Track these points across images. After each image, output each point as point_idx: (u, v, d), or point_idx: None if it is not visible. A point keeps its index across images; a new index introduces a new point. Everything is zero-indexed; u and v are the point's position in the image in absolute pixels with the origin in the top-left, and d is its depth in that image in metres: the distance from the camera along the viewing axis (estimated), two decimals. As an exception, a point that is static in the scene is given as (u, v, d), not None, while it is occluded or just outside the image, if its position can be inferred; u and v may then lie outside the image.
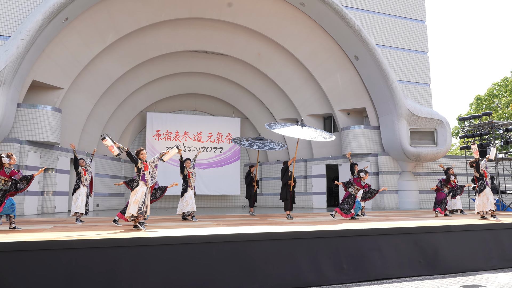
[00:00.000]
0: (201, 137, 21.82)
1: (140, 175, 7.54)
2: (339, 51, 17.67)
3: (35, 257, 5.13)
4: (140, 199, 7.39)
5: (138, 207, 7.35)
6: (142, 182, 7.48)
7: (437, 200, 11.85)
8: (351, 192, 10.54)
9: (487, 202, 9.71)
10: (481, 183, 9.90)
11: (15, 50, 12.13)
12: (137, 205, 7.34)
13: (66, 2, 12.95)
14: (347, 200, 10.49)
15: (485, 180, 9.89)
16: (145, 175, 7.52)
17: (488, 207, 9.66)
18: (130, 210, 7.38)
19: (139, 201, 7.38)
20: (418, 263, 6.96)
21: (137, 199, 7.37)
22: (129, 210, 7.40)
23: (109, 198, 18.84)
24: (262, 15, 16.83)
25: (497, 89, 33.70)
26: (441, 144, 17.40)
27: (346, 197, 10.58)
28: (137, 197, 7.39)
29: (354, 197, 10.51)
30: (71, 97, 15.97)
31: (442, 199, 11.81)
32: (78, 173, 9.81)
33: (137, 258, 5.50)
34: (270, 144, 13.41)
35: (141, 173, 7.54)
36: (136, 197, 7.39)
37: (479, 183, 9.95)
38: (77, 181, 9.77)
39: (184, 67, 19.60)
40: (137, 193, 7.42)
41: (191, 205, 10.33)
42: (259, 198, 20.97)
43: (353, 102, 18.46)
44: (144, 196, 7.43)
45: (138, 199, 7.38)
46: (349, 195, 10.54)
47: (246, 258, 5.99)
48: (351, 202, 10.44)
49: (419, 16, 18.81)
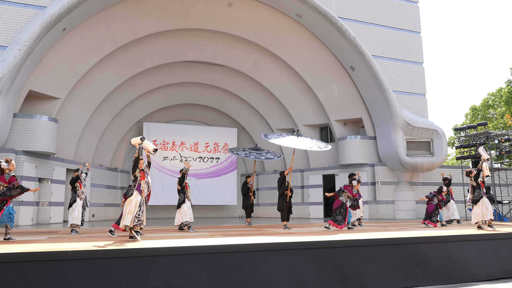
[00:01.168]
0: (197, 147, 21.80)
1: (136, 184, 7.50)
2: (335, 61, 17.79)
3: (30, 269, 5.07)
4: (135, 210, 7.33)
5: (136, 216, 7.29)
6: (137, 192, 7.43)
7: (428, 212, 11.86)
8: (342, 201, 10.38)
9: (486, 212, 9.62)
10: (478, 193, 9.82)
11: (12, 60, 12.14)
12: (132, 215, 7.28)
13: (64, 13, 13.01)
14: (339, 210, 10.29)
15: (482, 190, 9.85)
16: (141, 184, 7.49)
17: (488, 217, 9.61)
18: (124, 221, 7.29)
19: (133, 212, 7.31)
20: (414, 274, 6.93)
21: (131, 210, 7.31)
22: (123, 221, 7.31)
23: (105, 208, 18.72)
24: (259, 26, 16.96)
25: (492, 99, 33.96)
26: (437, 154, 17.45)
27: (338, 207, 10.35)
28: (131, 207, 7.33)
29: (346, 206, 10.38)
30: (68, 107, 15.96)
31: (432, 211, 11.78)
32: (74, 186, 9.76)
33: (133, 269, 5.46)
34: (267, 154, 13.43)
35: (137, 182, 7.50)
36: (130, 207, 7.33)
37: (476, 193, 9.86)
38: (73, 195, 9.68)
39: (181, 77, 19.66)
40: (131, 203, 7.36)
41: (189, 215, 10.32)
42: (256, 209, 20.91)
43: (350, 112, 18.53)
44: (139, 206, 7.37)
45: (132, 209, 7.32)
46: (341, 204, 10.34)
47: (243, 269, 5.95)
48: (343, 212, 10.25)
49: (414, 28, 19.00)
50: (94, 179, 17.82)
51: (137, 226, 7.38)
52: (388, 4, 18.50)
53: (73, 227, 9.41)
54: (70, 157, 16.48)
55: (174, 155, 21.26)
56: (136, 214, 7.31)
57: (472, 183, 9.96)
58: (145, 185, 7.56)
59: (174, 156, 21.27)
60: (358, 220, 11.81)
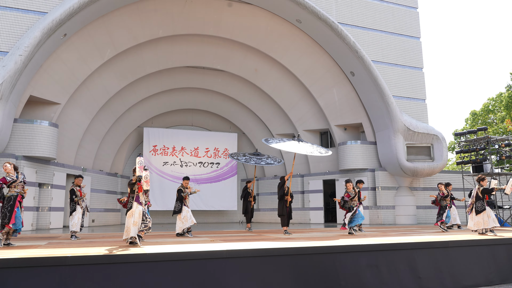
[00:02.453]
0: (198, 152, 21.79)
1: (134, 196, 7.39)
2: (335, 67, 17.84)
3: (30, 274, 5.05)
4: (139, 220, 7.28)
5: (143, 223, 7.29)
6: (137, 203, 7.34)
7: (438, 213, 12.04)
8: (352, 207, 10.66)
9: (488, 220, 9.51)
10: (481, 204, 9.63)
11: (13, 66, 12.17)
12: (137, 226, 7.23)
13: (65, 18, 13.06)
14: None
15: (485, 202, 9.73)
16: (139, 197, 7.39)
17: (491, 224, 9.48)
18: (131, 233, 7.16)
19: (138, 222, 7.26)
20: (417, 279, 6.90)
21: (136, 221, 7.23)
22: (130, 233, 7.17)
23: (105, 213, 18.69)
24: (259, 31, 17.02)
25: (492, 104, 33.99)
26: (437, 159, 17.44)
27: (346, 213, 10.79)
28: (135, 218, 7.25)
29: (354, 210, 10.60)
30: (68, 112, 15.98)
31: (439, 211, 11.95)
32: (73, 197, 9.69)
33: (133, 274, 5.44)
34: (267, 160, 13.41)
35: (135, 194, 7.40)
36: (134, 219, 7.24)
37: (479, 203, 9.67)
38: (72, 204, 9.62)
39: (181, 82, 19.71)
40: (133, 215, 7.26)
41: (190, 219, 10.29)
42: (256, 214, 20.87)
43: (350, 118, 18.54)
44: (142, 215, 7.33)
45: (137, 220, 7.25)
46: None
47: (243, 274, 5.93)
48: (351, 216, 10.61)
49: (414, 33, 19.05)
50: (94, 184, 17.80)
51: (141, 232, 7.34)
52: (388, 10, 18.57)
53: (73, 232, 9.40)
54: (70, 162, 16.47)
55: (174, 160, 21.26)
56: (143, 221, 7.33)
57: (478, 193, 9.73)
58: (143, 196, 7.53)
59: (174, 161, 21.26)
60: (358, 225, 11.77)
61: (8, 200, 7.35)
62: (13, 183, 7.43)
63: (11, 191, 7.41)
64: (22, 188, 7.53)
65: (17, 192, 7.44)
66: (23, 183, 7.58)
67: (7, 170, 7.51)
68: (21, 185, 7.52)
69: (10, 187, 7.42)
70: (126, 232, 7.24)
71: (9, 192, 7.42)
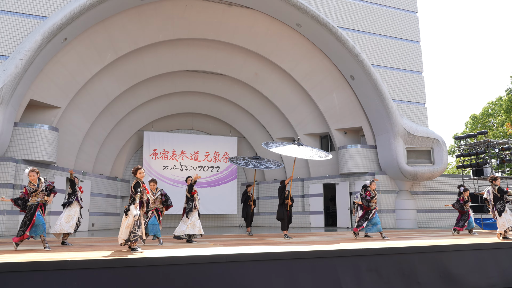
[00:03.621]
0: (198, 156, 21.79)
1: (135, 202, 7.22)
2: (335, 71, 17.87)
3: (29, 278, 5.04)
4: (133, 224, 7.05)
5: (132, 231, 6.93)
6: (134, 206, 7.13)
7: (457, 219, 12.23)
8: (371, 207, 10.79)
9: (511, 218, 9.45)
10: (502, 204, 9.58)
11: (13, 70, 12.19)
12: (130, 229, 6.96)
13: (65, 23, 13.10)
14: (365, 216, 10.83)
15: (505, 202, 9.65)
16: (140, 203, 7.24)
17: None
18: (122, 235, 6.95)
19: (131, 225, 6.97)
20: (416, 284, 6.89)
21: (129, 224, 6.99)
22: (121, 236, 6.96)
23: (105, 217, 18.66)
24: (259, 35, 17.07)
25: (492, 108, 34.01)
26: (437, 163, 17.44)
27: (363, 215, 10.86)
28: (129, 221, 7.01)
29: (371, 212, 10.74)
30: (69, 116, 15.99)
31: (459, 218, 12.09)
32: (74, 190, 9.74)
33: (133, 278, 5.43)
34: (266, 163, 13.41)
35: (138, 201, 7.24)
36: (128, 221, 7.01)
37: (500, 203, 9.59)
38: (71, 197, 9.65)
39: (182, 86, 19.74)
40: (128, 218, 7.04)
41: (198, 227, 9.55)
42: (256, 218, 20.82)
43: (350, 122, 18.56)
44: (138, 220, 7.09)
45: (131, 223, 6.99)
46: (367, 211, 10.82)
47: (243, 278, 5.92)
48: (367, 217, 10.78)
49: (414, 37, 19.10)
50: (94, 188, 17.79)
51: (133, 243, 6.94)
52: (388, 14, 18.62)
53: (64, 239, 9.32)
54: (71, 166, 16.46)
55: (174, 164, 21.26)
56: (132, 229, 6.95)
57: (495, 193, 9.66)
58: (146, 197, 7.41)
59: (174, 165, 21.26)
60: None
61: (29, 209, 7.59)
62: (34, 193, 7.63)
63: (32, 200, 7.62)
64: (43, 197, 7.72)
65: (37, 201, 7.65)
66: (44, 192, 7.74)
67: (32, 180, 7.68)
68: (42, 194, 7.71)
69: (31, 196, 7.62)
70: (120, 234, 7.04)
71: (30, 201, 7.63)
